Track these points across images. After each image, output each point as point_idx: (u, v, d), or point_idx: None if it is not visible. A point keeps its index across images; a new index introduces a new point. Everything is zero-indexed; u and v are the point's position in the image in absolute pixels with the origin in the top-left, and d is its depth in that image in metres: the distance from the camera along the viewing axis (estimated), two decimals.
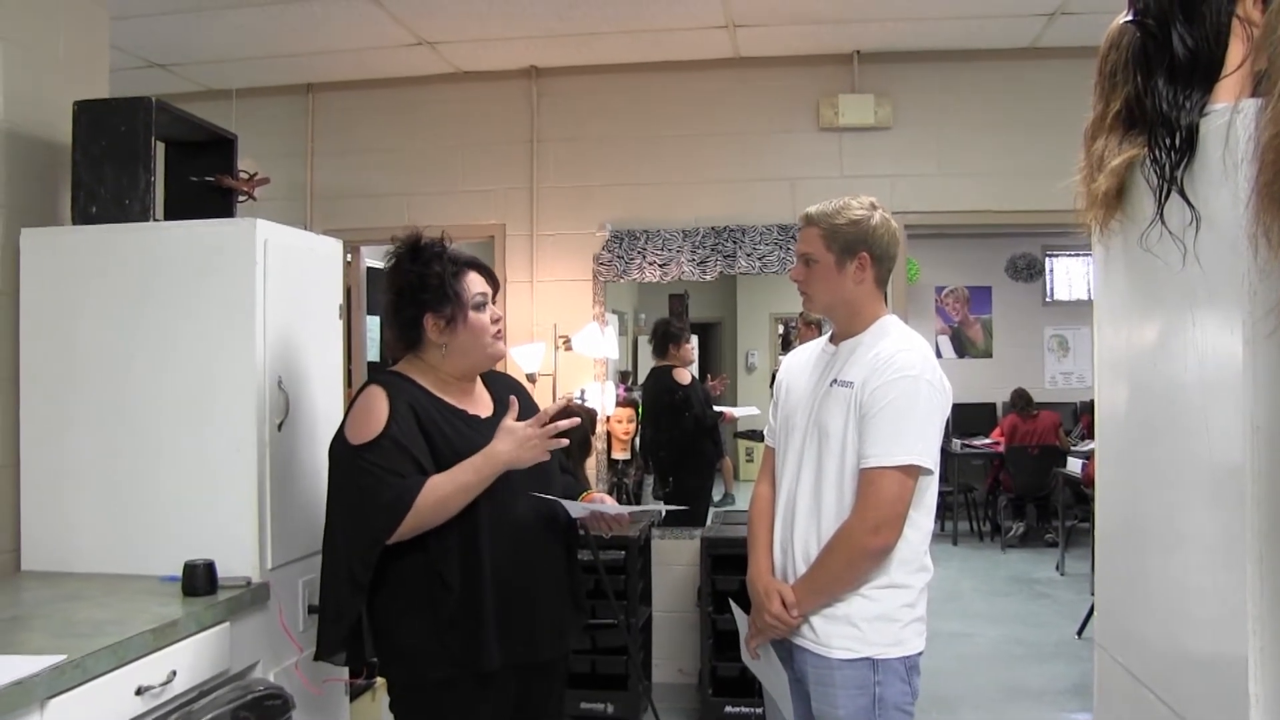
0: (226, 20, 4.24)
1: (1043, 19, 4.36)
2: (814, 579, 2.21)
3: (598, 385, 4.92)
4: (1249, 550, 1.28)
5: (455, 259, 2.34)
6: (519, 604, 2.26)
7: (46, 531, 2.69)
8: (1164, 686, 1.60)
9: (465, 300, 2.30)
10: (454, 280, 2.30)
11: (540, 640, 2.31)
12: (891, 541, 2.15)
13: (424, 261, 2.31)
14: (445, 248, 2.35)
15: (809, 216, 2.33)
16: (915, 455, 2.14)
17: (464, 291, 2.31)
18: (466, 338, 2.32)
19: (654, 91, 4.99)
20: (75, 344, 2.68)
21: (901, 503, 2.15)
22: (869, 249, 2.27)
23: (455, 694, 2.23)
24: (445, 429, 2.27)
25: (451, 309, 2.29)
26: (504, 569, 2.24)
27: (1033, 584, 7.27)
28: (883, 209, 2.33)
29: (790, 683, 2.32)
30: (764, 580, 2.31)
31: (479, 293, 2.34)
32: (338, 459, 2.27)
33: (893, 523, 2.14)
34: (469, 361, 2.36)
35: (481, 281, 2.37)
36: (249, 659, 2.49)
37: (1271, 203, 1.12)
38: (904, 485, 2.14)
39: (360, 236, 5.06)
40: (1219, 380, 1.38)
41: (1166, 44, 1.50)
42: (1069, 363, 10.01)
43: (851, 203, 2.30)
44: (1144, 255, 1.58)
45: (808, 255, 2.31)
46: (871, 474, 2.14)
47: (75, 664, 1.88)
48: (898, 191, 4.78)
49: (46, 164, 2.89)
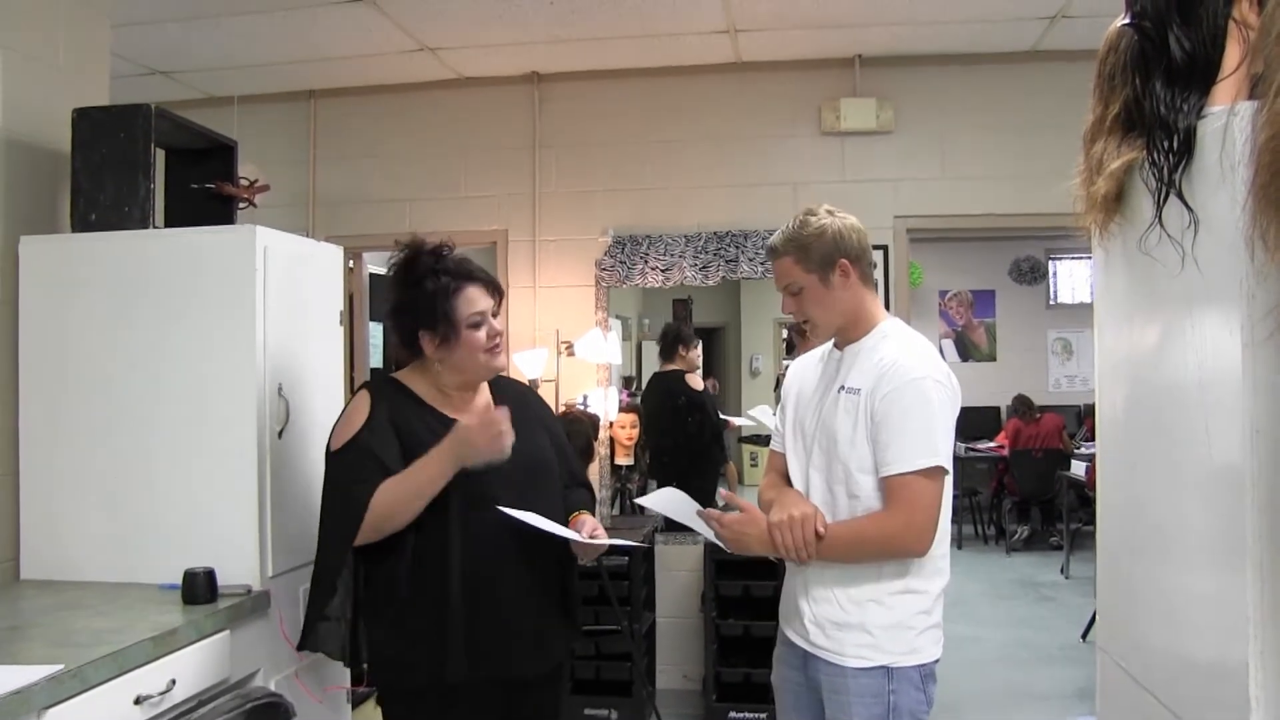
0: (228, 27, 4.25)
1: (1044, 22, 4.35)
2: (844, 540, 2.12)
3: (600, 391, 4.91)
4: (1249, 553, 1.28)
5: (455, 272, 2.30)
6: (489, 617, 2.23)
7: (46, 540, 2.69)
8: (1165, 690, 1.59)
9: (458, 320, 2.28)
10: (448, 299, 2.28)
11: (515, 655, 2.27)
12: (929, 547, 2.12)
13: (415, 281, 2.31)
14: (443, 259, 2.33)
15: (774, 249, 2.27)
16: (936, 456, 2.11)
17: (456, 311, 2.28)
18: (461, 355, 2.31)
19: (656, 97, 4.99)
20: (74, 351, 2.68)
21: (936, 505, 2.11)
22: (844, 253, 2.22)
23: (428, 704, 2.25)
24: (425, 437, 2.25)
25: (444, 328, 2.29)
26: (475, 581, 2.22)
27: (1038, 587, 7.25)
28: (838, 212, 2.27)
29: (802, 689, 2.29)
30: (807, 504, 2.18)
31: (474, 312, 2.29)
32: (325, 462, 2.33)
33: (932, 527, 2.11)
34: (464, 376, 2.36)
35: (480, 296, 2.32)
36: (249, 667, 2.49)
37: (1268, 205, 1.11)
38: (935, 486, 2.11)
39: (362, 243, 5.07)
40: (1218, 383, 1.37)
41: (1164, 47, 1.50)
42: (1073, 366, 10.00)
43: (808, 218, 2.24)
44: (1143, 258, 1.57)
45: (790, 285, 2.26)
46: (902, 480, 2.09)
47: (73, 673, 1.87)
48: (900, 195, 4.78)
49: (46, 171, 2.89)
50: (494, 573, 2.24)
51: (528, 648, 2.30)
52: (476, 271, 2.35)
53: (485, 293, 2.34)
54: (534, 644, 2.32)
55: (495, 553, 2.23)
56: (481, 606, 2.22)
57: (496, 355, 2.35)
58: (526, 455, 2.31)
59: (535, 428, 2.44)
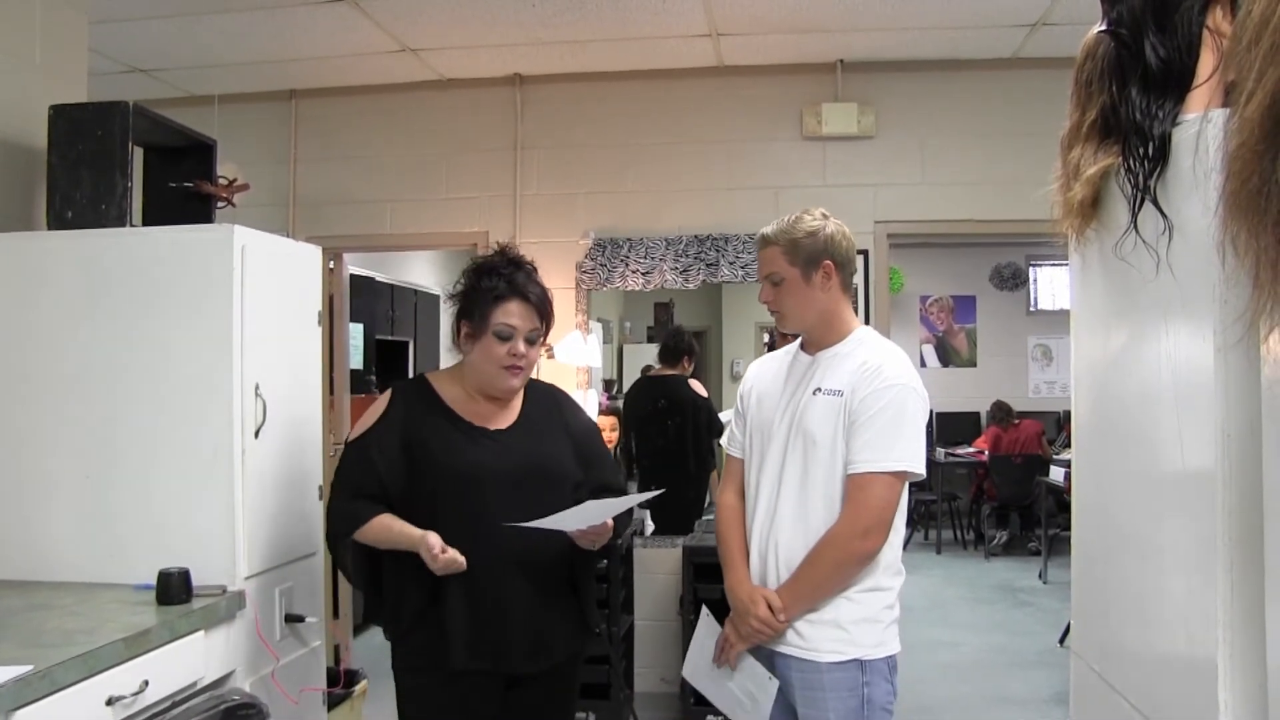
0: (209, 25, 4.22)
1: (1024, 29, 4.38)
2: (800, 583, 2.21)
3: (580, 393, 4.90)
4: (1220, 557, 1.29)
5: (511, 282, 2.36)
6: (490, 614, 2.28)
7: (18, 539, 2.66)
8: (1137, 694, 1.60)
9: (490, 322, 2.34)
10: (490, 301, 2.34)
11: (513, 652, 2.32)
12: (879, 545, 2.18)
13: (477, 273, 2.40)
14: (514, 270, 2.38)
15: (766, 238, 2.35)
16: (906, 461, 2.18)
17: (493, 314, 2.34)
18: (478, 357, 2.38)
19: (638, 100, 4.99)
20: (49, 349, 2.66)
21: (890, 508, 2.18)
22: (831, 256, 2.29)
23: (431, 683, 2.33)
24: (433, 442, 2.33)
25: (477, 324, 2.35)
26: (478, 582, 2.26)
27: (1016, 592, 7.28)
28: (833, 217, 2.35)
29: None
30: (745, 587, 2.30)
31: (506, 323, 2.34)
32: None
33: (881, 527, 2.18)
34: (478, 380, 2.41)
35: (522, 314, 2.36)
36: (224, 668, 2.47)
37: (1238, 211, 1.12)
38: (893, 490, 2.18)
39: (342, 243, 5.05)
40: (1191, 388, 1.38)
41: (1140, 54, 1.51)
42: (1052, 371, 10.06)
43: (805, 216, 2.33)
44: (1119, 264, 1.59)
45: (772, 275, 2.33)
46: (863, 479, 2.17)
47: (42, 674, 1.85)
48: (881, 200, 4.80)
49: (21, 168, 2.87)
50: (497, 575, 2.28)
51: (526, 647, 2.33)
52: (532, 293, 2.39)
53: (529, 314, 2.37)
54: (533, 643, 2.35)
55: (498, 555, 2.27)
56: (482, 602, 2.28)
57: (512, 375, 2.37)
58: (531, 463, 2.37)
59: (554, 436, 2.47)
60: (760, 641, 2.27)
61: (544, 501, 2.26)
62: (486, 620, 2.28)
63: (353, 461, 2.36)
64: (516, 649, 2.32)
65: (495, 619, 2.29)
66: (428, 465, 2.33)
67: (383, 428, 2.36)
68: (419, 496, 2.31)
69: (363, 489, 2.33)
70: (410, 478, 2.33)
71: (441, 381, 2.47)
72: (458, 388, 2.44)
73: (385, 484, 2.32)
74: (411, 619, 2.32)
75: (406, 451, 2.34)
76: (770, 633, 2.24)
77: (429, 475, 2.32)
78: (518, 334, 2.35)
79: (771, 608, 2.22)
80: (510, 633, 2.31)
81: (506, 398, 2.44)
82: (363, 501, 2.32)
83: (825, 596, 2.20)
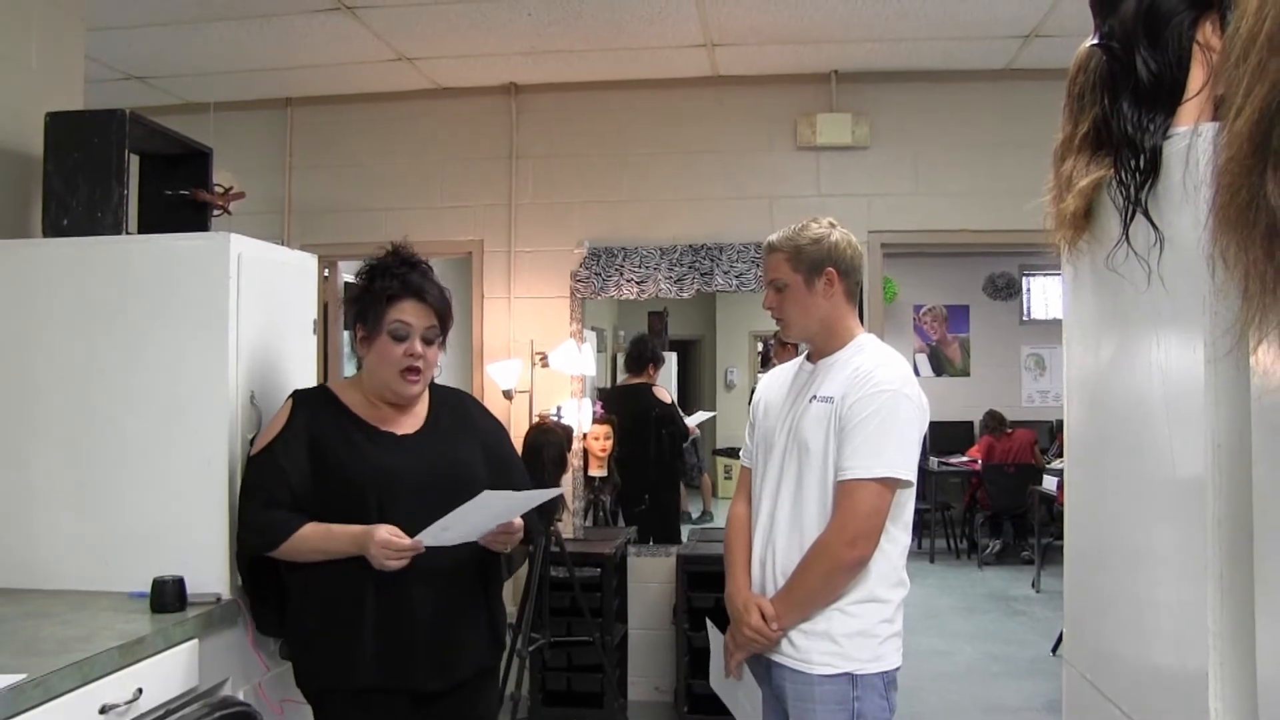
0: (205, 34, 4.23)
1: (1018, 41, 4.41)
2: (792, 592, 2.22)
3: (574, 402, 4.91)
4: (1210, 567, 1.30)
5: (405, 282, 2.31)
6: (398, 631, 2.25)
7: (12, 547, 2.64)
8: (1129, 702, 1.61)
9: (383, 323, 2.31)
10: (383, 302, 2.30)
11: (419, 668, 2.27)
12: (867, 554, 2.17)
13: (370, 274, 2.37)
14: (407, 269, 2.34)
15: (772, 245, 2.37)
16: (894, 468, 2.16)
17: (386, 314, 2.31)
18: (374, 360, 2.35)
19: (633, 109, 5.01)
20: (44, 357, 2.65)
21: (878, 515, 2.17)
22: (834, 264, 2.31)
23: (338, 703, 2.30)
24: (340, 449, 2.31)
25: (370, 326, 2.33)
26: (387, 596, 2.24)
27: (1009, 601, 7.29)
28: (840, 227, 2.37)
29: (766, 699, 2.32)
30: (742, 595, 2.31)
31: (400, 320, 2.31)
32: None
33: (869, 535, 2.16)
34: (376, 385, 2.38)
35: (416, 313, 2.32)
36: (218, 676, 2.46)
37: (1227, 224, 1.13)
38: (881, 498, 2.16)
39: (338, 251, 5.05)
40: (1182, 399, 1.39)
41: (1131, 67, 1.52)
42: (1045, 381, 10.08)
43: (810, 223, 2.35)
44: (1110, 275, 1.60)
45: (777, 281, 2.35)
46: (849, 486, 2.16)
47: (36, 683, 1.85)
48: (875, 210, 4.82)
49: (17, 175, 2.87)
50: (406, 589, 2.25)
51: (433, 662, 2.29)
52: (429, 293, 2.34)
53: (425, 312, 2.34)
54: (440, 659, 2.30)
55: (408, 571, 2.22)
56: (391, 621, 2.25)
57: (410, 378, 2.33)
58: (441, 468, 2.35)
59: (466, 441, 2.44)
60: (756, 650, 2.28)
61: (454, 507, 2.21)
62: (394, 632, 2.25)
63: (262, 471, 2.32)
64: (423, 664, 2.27)
65: (404, 631, 2.25)
66: (335, 471, 2.29)
67: (288, 435, 2.32)
68: (327, 503, 2.28)
69: (275, 499, 2.29)
70: (317, 485, 2.30)
71: (343, 389, 2.43)
72: (358, 394, 2.40)
73: (296, 493, 2.29)
74: (313, 633, 2.29)
75: (313, 458, 2.31)
76: (764, 641, 2.24)
77: (336, 481, 2.29)
78: (414, 332, 2.32)
79: (765, 616, 2.23)
80: (417, 646, 2.26)
81: (407, 404, 2.41)
82: (279, 512, 2.28)
83: (818, 605, 2.20)
